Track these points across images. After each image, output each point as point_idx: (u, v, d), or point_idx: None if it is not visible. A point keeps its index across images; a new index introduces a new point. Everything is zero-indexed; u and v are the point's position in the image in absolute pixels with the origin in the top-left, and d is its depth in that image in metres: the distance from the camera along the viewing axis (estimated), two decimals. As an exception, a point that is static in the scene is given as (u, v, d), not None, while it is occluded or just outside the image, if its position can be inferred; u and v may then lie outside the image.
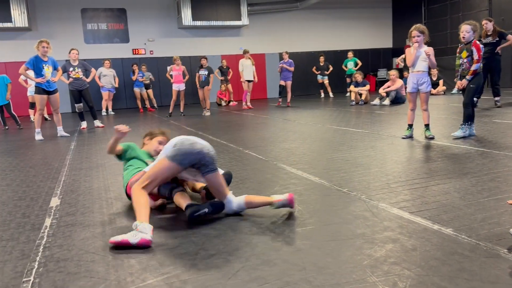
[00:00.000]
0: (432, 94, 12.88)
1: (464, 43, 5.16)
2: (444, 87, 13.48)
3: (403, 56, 5.35)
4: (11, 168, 4.81)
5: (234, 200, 2.72)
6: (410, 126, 5.41)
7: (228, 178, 3.08)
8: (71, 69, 8.59)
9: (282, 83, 12.30)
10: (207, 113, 10.67)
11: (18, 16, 13.58)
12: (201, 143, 2.73)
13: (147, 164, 3.11)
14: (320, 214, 2.65)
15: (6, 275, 2.03)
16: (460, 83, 5.19)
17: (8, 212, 3.08)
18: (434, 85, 13.30)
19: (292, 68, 12.11)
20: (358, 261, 1.97)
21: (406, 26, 5.35)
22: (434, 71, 13.18)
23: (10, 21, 13.53)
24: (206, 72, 10.66)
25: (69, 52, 8.67)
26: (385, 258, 1.98)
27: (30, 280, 1.97)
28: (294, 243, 2.23)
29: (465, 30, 5.08)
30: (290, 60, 12.18)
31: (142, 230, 2.30)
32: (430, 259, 1.95)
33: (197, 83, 10.97)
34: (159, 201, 3.00)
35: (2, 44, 14.37)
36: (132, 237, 2.27)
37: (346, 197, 3.00)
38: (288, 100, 12.23)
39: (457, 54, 5.29)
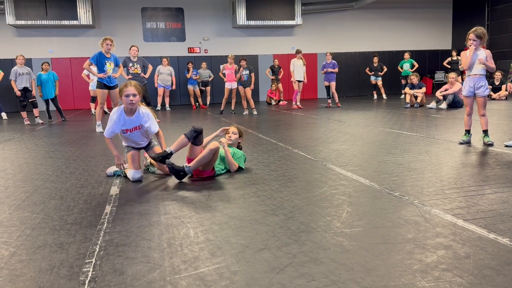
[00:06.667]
0: (493, 99, 12.27)
1: None
2: (507, 92, 12.76)
3: (449, 59, 5.20)
4: (74, 158, 5.13)
5: None
6: (468, 131, 5.21)
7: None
8: (130, 64, 9.01)
9: (326, 84, 12.23)
10: (255, 112, 10.74)
11: (84, 15, 14.38)
12: None
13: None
14: (370, 217, 2.64)
15: (71, 255, 2.20)
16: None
17: (72, 198, 3.30)
18: (496, 89, 12.65)
19: (336, 70, 12.00)
20: (408, 265, 1.95)
21: (467, 27, 5.15)
22: (498, 76, 12.54)
23: (76, 19, 14.36)
24: (248, 72, 10.75)
25: (130, 49, 9.09)
26: (436, 264, 1.95)
27: (92, 261, 2.12)
28: (342, 243, 2.24)
29: None
30: (334, 61, 12.08)
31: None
32: (484, 268, 1.90)
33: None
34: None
35: (68, 40, 15.28)
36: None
37: (397, 201, 2.96)
38: (336, 100, 12.14)
39: None
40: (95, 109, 11.90)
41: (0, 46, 14.69)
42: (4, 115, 11.60)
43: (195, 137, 3.74)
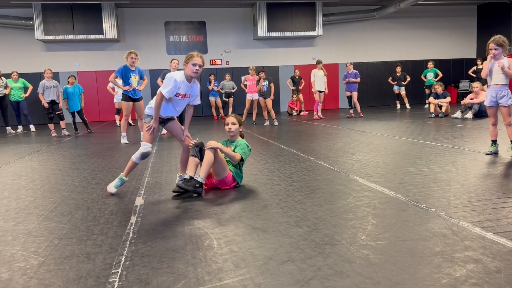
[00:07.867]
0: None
1: None
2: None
3: (474, 68, 5.10)
4: (100, 169, 5.23)
5: None
6: (494, 141, 5.08)
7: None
8: None
9: (348, 94, 12.19)
10: (276, 123, 10.76)
11: (109, 29, 14.75)
12: None
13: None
14: (396, 229, 2.59)
15: (97, 266, 2.23)
16: None
17: (98, 209, 3.36)
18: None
19: (358, 80, 11.95)
20: (436, 279, 1.91)
21: (492, 35, 5.05)
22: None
23: (102, 33, 14.74)
24: (267, 82, 10.79)
25: (171, 62, 9.26)
26: (465, 278, 1.90)
27: (118, 272, 2.15)
28: (368, 256, 2.20)
29: None
30: (355, 71, 12.03)
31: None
32: (516, 284, 1.84)
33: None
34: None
35: (94, 54, 15.68)
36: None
37: (423, 213, 2.90)
38: (359, 110, 12.08)
39: None
40: (120, 121, 12.15)
41: (30, 61, 15.18)
42: (32, 127, 11.94)
43: (200, 151, 3.77)
